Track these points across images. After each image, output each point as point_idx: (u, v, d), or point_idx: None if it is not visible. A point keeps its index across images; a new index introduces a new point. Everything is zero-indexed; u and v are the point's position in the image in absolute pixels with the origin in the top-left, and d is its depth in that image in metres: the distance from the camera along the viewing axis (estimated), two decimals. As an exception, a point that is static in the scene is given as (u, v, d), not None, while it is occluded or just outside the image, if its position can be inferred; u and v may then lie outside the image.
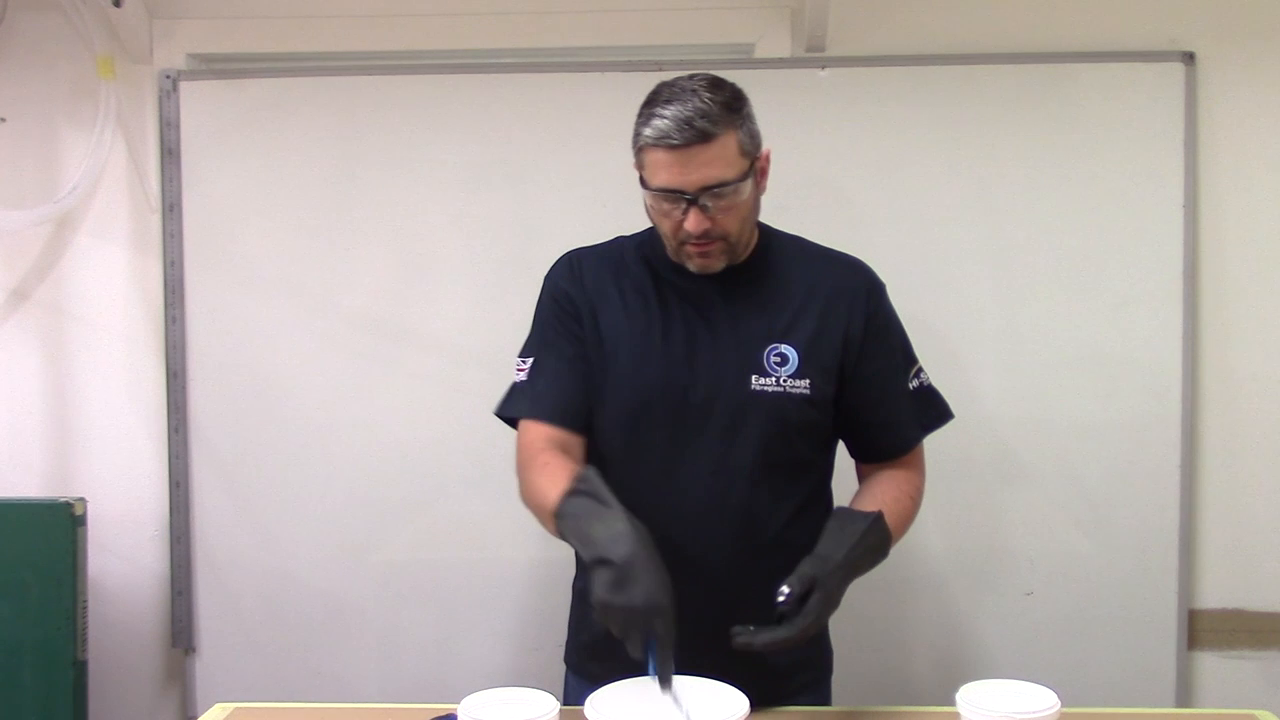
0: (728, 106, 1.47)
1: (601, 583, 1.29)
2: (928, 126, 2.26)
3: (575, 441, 1.60)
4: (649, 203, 1.53)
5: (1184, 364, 2.25)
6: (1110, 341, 2.26)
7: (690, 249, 1.53)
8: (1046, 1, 2.29)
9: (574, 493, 1.40)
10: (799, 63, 2.29)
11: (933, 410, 1.67)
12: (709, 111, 1.44)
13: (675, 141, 1.44)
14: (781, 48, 2.32)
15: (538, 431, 1.59)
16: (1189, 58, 2.24)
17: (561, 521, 1.41)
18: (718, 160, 1.46)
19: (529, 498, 1.56)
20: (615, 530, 1.32)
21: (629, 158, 1.53)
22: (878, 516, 1.48)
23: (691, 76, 1.50)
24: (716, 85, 1.49)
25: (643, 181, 1.52)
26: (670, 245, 1.57)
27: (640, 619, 1.27)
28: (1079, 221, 2.25)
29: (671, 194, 1.48)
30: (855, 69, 2.26)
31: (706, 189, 1.47)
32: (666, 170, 1.47)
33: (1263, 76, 2.27)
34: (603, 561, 1.30)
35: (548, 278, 1.68)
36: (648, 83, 1.54)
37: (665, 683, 1.29)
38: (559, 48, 2.35)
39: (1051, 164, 2.25)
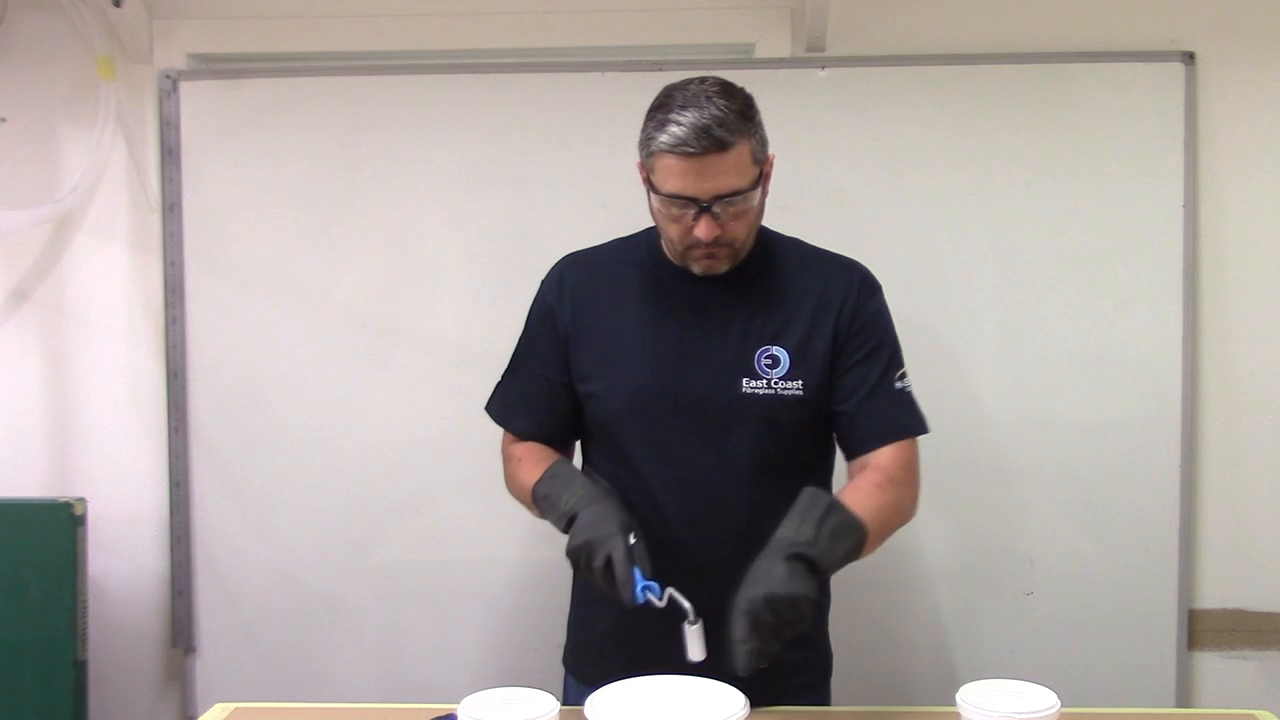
0: (742, 115, 1.45)
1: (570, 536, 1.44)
2: (928, 126, 2.25)
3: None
4: (657, 207, 1.52)
5: (1184, 364, 2.25)
6: (1110, 341, 2.26)
7: (697, 253, 1.53)
8: (1046, 1, 2.29)
9: (543, 478, 1.54)
10: (799, 63, 2.29)
11: (908, 417, 1.60)
12: (725, 120, 1.43)
13: (692, 150, 1.43)
14: (781, 48, 2.32)
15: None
16: (1189, 58, 2.24)
17: (539, 502, 1.54)
18: (732, 169, 1.45)
19: (511, 489, 1.67)
20: (577, 493, 1.47)
21: (629, 158, 1.53)
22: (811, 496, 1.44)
23: (702, 81, 1.48)
24: (729, 92, 1.47)
25: (651, 185, 1.50)
26: (674, 249, 1.56)
27: (585, 550, 1.40)
28: (1079, 221, 2.25)
29: (684, 201, 1.47)
30: (855, 69, 2.26)
31: (720, 197, 1.46)
32: (680, 177, 1.45)
33: (1263, 76, 2.27)
34: (569, 518, 1.45)
35: (540, 286, 1.70)
36: (647, 82, 1.54)
37: (631, 586, 1.37)
38: (559, 48, 2.34)
39: (1051, 164, 2.25)
